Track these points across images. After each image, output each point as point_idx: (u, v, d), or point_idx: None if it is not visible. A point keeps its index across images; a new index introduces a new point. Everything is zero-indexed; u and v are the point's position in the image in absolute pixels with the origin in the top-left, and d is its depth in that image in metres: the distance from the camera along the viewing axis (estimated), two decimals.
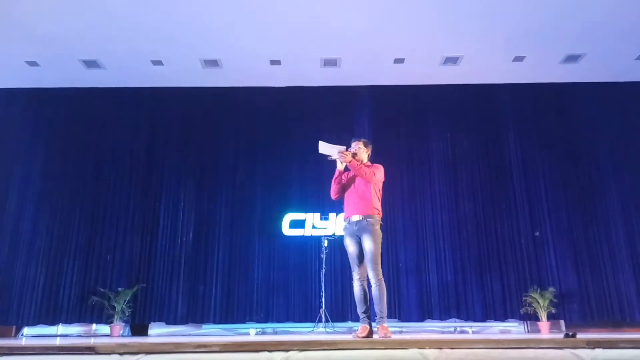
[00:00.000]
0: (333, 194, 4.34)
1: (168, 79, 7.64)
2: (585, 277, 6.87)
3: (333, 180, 4.31)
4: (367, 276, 4.06)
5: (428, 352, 2.25)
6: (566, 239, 7.07)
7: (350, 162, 4.16)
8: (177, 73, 7.49)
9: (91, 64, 7.23)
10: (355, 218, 4.14)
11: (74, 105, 7.79)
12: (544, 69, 7.45)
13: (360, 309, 4.07)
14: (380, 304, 3.95)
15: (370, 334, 3.96)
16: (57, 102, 7.79)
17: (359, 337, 3.87)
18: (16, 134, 7.66)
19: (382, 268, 4.10)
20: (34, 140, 7.64)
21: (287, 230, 7.19)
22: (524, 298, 6.63)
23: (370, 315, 4.07)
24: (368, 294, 4.08)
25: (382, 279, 4.03)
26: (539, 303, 6.50)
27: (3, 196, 7.33)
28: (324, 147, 4.24)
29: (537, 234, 7.10)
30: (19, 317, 6.77)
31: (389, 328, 3.95)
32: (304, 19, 6.26)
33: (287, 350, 2.24)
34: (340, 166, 4.27)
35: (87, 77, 7.53)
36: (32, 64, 7.21)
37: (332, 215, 7.13)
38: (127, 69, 7.38)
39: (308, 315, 6.66)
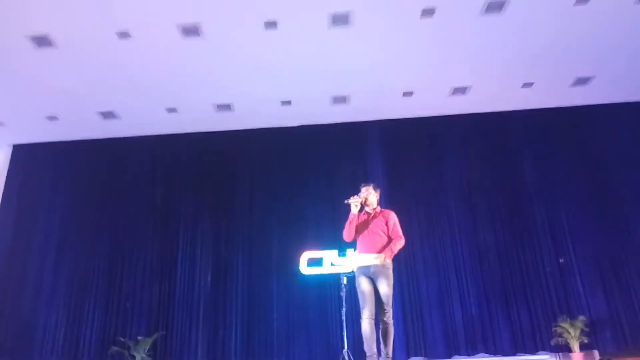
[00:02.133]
0: (348, 236, 4.49)
1: (182, 125, 7.81)
2: (615, 303, 6.61)
3: (348, 224, 4.46)
4: (378, 316, 4.20)
5: None
6: (592, 265, 6.85)
7: (388, 257, 4.29)
8: (191, 119, 7.66)
9: (108, 115, 7.45)
10: (370, 262, 4.28)
11: (92, 156, 7.99)
12: (554, 93, 7.44)
13: (370, 347, 4.13)
14: (387, 344, 4.14)
15: None
16: (76, 153, 8.01)
17: None
18: (37, 187, 7.86)
19: (405, 303, 4.19)
20: (54, 192, 7.82)
21: (305, 269, 7.10)
22: (554, 328, 6.38)
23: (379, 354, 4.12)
24: (375, 334, 4.17)
25: (392, 321, 4.23)
26: (569, 333, 6.25)
27: (26, 247, 7.46)
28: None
29: (561, 260, 6.90)
30: None
31: None
32: (311, 59, 6.40)
33: None
34: (354, 210, 4.42)
35: (104, 127, 7.75)
36: (52, 118, 7.45)
37: (349, 252, 7.03)
38: (143, 118, 7.58)
39: (330, 355, 6.47)
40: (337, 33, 5.90)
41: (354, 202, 4.41)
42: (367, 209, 4.54)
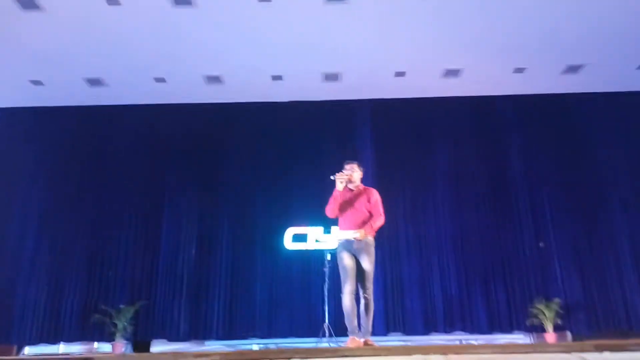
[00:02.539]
0: (331, 212, 4.51)
1: (171, 95, 7.70)
2: (590, 287, 6.80)
3: (332, 199, 4.47)
4: (359, 292, 4.25)
5: (433, 357, 2.21)
6: (571, 250, 7.02)
7: (368, 233, 4.32)
8: (180, 89, 7.55)
9: (95, 82, 7.30)
10: (355, 237, 4.30)
11: (77, 122, 7.86)
12: (545, 80, 7.47)
13: (351, 322, 4.18)
14: (368, 319, 4.17)
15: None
16: (61, 120, 7.85)
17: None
18: (20, 152, 7.71)
19: (387, 281, 4.22)
20: (37, 158, 7.68)
21: (289, 245, 7.15)
22: (529, 309, 6.55)
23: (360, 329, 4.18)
24: (356, 308, 4.21)
25: (372, 297, 4.25)
26: (544, 314, 6.43)
27: (5, 214, 7.34)
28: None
29: (541, 244, 7.05)
30: (20, 336, 6.73)
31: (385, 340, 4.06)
32: (304, 34, 6.33)
33: (289, 358, 2.21)
34: (339, 186, 4.43)
35: (90, 94, 7.60)
36: (37, 82, 7.29)
37: (334, 229, 7.07)
38: (130, 86, 7.44)
39: (312, 330, 6.55)
40: (332, 9, 5.84)
41: (340, 179, 4.43)
42: (350, 186, 4.55)
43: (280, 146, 7.73)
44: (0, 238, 7.24)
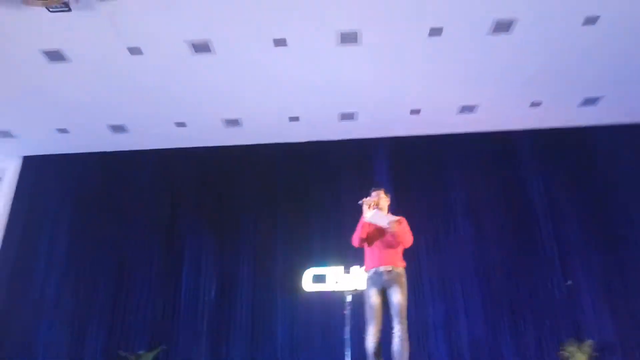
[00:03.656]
0: (357, 241, 4.25)
1: (191, 139, 7.85)
2: (625, 327, 6.46)
3: (360, 227, 4.24)
4: (391, 330, 3.95)
5: None
6: (601, 287, 6.73)
7: (396, 229, 4.12)
8: (199, 133, 7.70)
9: (118, 128, 7.51)
10: (385, 268, 4.07)
11: (101, 168, 8.05)
12: (562, 113, 7.40)
13: None
14: (402, 359, 3.85)
15: None
16: (84, 166, 8.06)
17: None
18: (44, 199, 7.90)
19: (409, 325, 4.00)
20: (61, 205, 7.85)
21: (309, 286, 7.05)
22: (561, 351, 6.26)
23: None
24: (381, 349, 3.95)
25: (407, 335, 3.92)
26: (577, 357, 6.12)
27: (31, 260, 7.48)
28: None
29: (569, 282, 6.80)
30: None
31: None
32: (319, 76, 6.43)
33: None
34: (365, 214, 4.21)
35: (113, 141, 7.81)
36: (62, 131, 7.53)
37: (354, 269, 6.98)
38: (152, 132, 7.63)
39: None
40: (346, 51, 5.94)
41: (368, 203, 4.23)
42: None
43: (299, 186, 7.75)
44: (24, 282, 7.31)
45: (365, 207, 4.25)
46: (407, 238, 4.21)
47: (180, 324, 7.00)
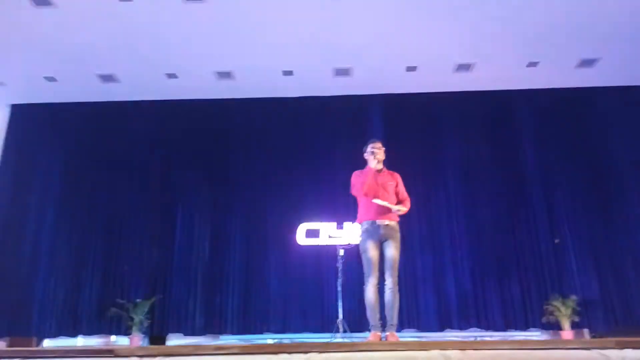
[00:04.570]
0: (363, 191, 4.17)
1: (182, 91, 7.73)
2: (608, 284, 6.71)
3: (365, 178, 4.18)
4: (383, 282, 4.04)
5: (450, 353, 2.19)
6: (587, 246, 6.93)
7: (398, 210, 4.16)
8: (192, 85, 7.58)
9: (107, 78, 7.35)
10: (384, 222, 4.11)
11: (91, 119, 7.92)
12: (559, 73, 7.37)
13: (374, 316, 4.01)
14: (393, 311, 3.96)
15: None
16: (74, 116, 7.92)
17: None
18: (34, 149, 7.80)
19: (400, 277, 4.10)
20: (52, 155, 7.77)
21: (302, 240, 7.16)
22: (545, 307, 6.48)
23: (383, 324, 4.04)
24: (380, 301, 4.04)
25: (398, 287, 4.05)
26: (561, 311, 6.35)
27: (22, 211, 7.45)
28: None
29: (557, 241, 6.97)
30: (39, 330, 6.83)
31: (399, 337, 3.92)
32: (315, 30, 6.30)
33: (307, 352, 2.21)
34: (373, 164, 4.19)
35: (103, 91, 7.65)
36: (50, 79, 7.35)
37: (347, 224, 7.08)
38: (143, 83, 7.48)
39: (325, 326, 6.57)
40: (343, 4, 5.80)
41: (377, 154, 4.18)
42: (378, 166, 4.27)
43: (292, 141, 7.73)
44: (17, 234, 7.32)
45: (371, 158, 4.21)
46: (407, 205, 4.29)
47: (175, 276, 7.11)
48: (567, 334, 6.30)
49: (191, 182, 7.57)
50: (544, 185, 7.29)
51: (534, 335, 6.72)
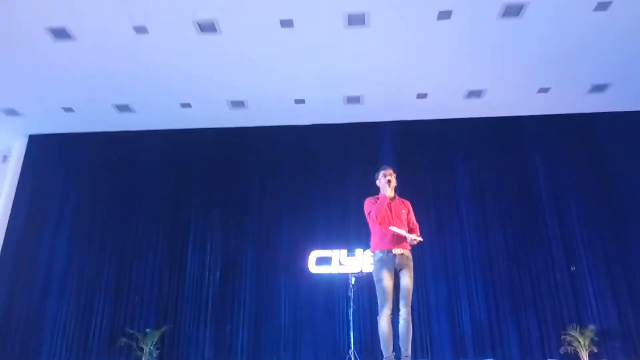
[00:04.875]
0: (380, 220, 4.14)
1: (196, 120, 7.85)
2: (626, 313, 6.52)
3: (382, 207, 4.16)
4: (398, 312, 3.99)
5: None
6: (604, 274, 6.78)
7: (414, 240, 4.15)
8: (205, 114, 7.70)
9: (123, 108, 7.50)
10: (398, 251, 4.09)
11: (106, 148, 8.07)
12: (570, 99, 7.37)
13: (388, 348, 3.94)
14: (407, 342, 3.91)
15: None
16: (90, 145, 8.09)
17: None
18: (50, 178, 7.94)
19: (413, 306, 4.06)
20: (67, 184, 7.90)
21: (313, 268, 7.11)
22: (562, 336, 6.31)
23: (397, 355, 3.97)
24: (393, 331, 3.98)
25: (411, 317, 4.01)
26: (579, 342, 6.18)
27: (37, 239, 7.55)
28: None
29: (573, 268, 6.83)
30: (49, 358, 6.83)
31: None
32: (326, 58, 6.39)
33: None
34: (389, 192, 4.21)
35: (119, 120, 7.80)
36: (68, 109, 7.52)
37: (358, 252, 7.03)
38: (157, 112, 7.62)
39: (336, 355, 6.48)
40: (353, 33, 5.89)
41: (392, 182, 4.19)
42: (389, 194, 4.25)
43: (304, 168, 7.77)
44: (31, 261, 7.40)
45: (386, 187, 4.21)
46: (417, 232, 4.28)
47: (185, 304, 7.09)
48: None
49: (203, 210, 7.62)
50: (557, 212, 7.19)
51: None
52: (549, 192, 7.33)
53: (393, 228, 4.10)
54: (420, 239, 4.16)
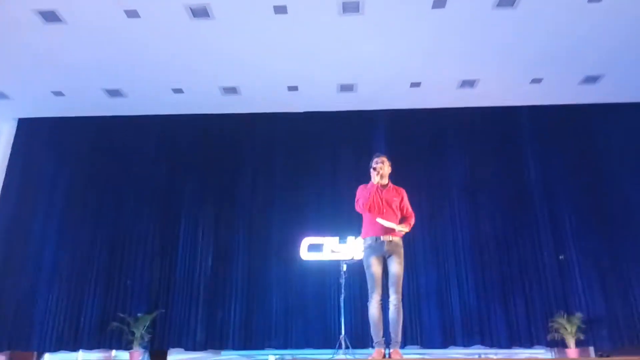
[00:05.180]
0: (366, 208, 4.16)
1: (188, 106, 7.79)
2: (613, 301, 6.64)
3: (368, 193, 4.16)
4: (388, 298, 4.02)
5: None
6: (592, 263, 6.87)
7: (401, 231, 4.16)
8: (197, 100, 7.64)
9: (114, 92, 7.42)
10: (387, 238, 4.10)
11: (97, 133, 7.99)
12: (563, 90, 7.40)
13: (378, 333, 3.99)
14: (397, 328, 3.93)
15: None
16: (80, 130, 8.00)
17: None
18: (40, 162, 7.86)
19: (403, 293, 4.07)
20: (58, 168, 7.82)
21: (305, 255, 7.14)
22: (550, 324, 6.42)
23: (386, 341, 4.01)
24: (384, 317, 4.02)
25: (401, 304, 4.00)
26: (566, 329, 6.29)
27: (27, 224, 7.48)
28: None
29: (561, 257, 6.92)
30: (40, 344, 6.83)
31: (402, 354, 3.89)
32: (320, 45, 6.36)
33: None
34: (375, 179, 4.17)
35: (110, 105, 7.73)
36: (58, 93, 7.43)
37: (350, 239, 7.07)
38: (149, 97, 7.55)
39: (328, 341, 6.53)
40: (347, 20, 5.86)
41: (379, 170, 4.15)
42: (381, 181, 4.27)
43: (296, 156, 7.76)
44: (21, 247, 7.35)
45: (373, 174, 4.19)
46: (412, 222, 4.28)
47: (177, 289, 7.09)
48: (572, 351, 6.22)
49: (194, 196, 7.60)
50: (548, 201, 7.26)
51: (539, 352, 6.65)
52: (539, 181, 7.40)
53: (380, 221, 4.12)
54: (406, 229, 4.16)
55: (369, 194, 4.16)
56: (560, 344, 6.39)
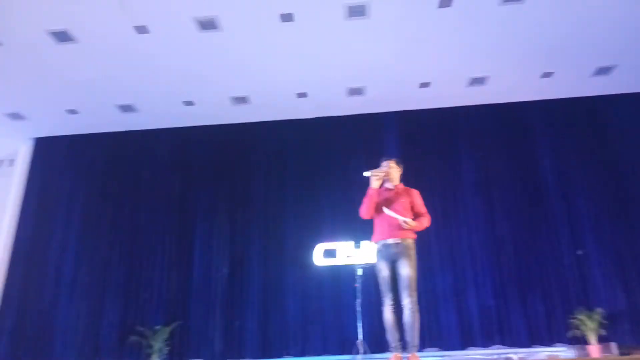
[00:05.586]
0: (365, 213, 4.18)
1: (199, 118, 7.88)
2: (635, 295, 6.48)
3: (367, 198, 4.17)
4: (401, 302, 3.95)
5: None
6: (611, 256, 6.74)
7: (410, 227, 4.05)
8: (208, 112, 7.73)
9: (127, 108, 7.54)
10: (393, 241, 4.05)
11: (111, 148, 8.13)
12: (574, 83, 7.30)
13: (394, 337, 3.95)
14: (413, 332, 3.85)
15: None
16: (95, 147, 8.15)
17: None
18: (56, 180, 8.01)
19: (420, 295, 4.02)
20: (74, 185, 7.96)
21: (319, 261, 7.13)
22: (570, 320, 6.32)
23: (403, 345, 3.96)
24: (399, 321, 3.96)
25: (418, 306, 3.93)
26: (587, 325, 6.18)
27: (47, 240, 7.63)
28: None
29: (579, 252, 6.81)
30: (61, 357, 6.93)
31: (420, 358, 3.84)
32: (327, 51, 6.38)
33: None
34: (374, 184, 4.16)
35: (123, 121, 7.85)
36: (72, 112, 7.58)
37: (364, 243, 7.04)
38: (161, 111, 7.65)
39: (346, 347, 6.49)
40: (354, 24, 5.88)
41: (375, 176, 4.13)
42: (388, 185, 4.25)
43: (308, 162, 7.77)
44: (42, 261, 7.49)
45: (372, 178, 4.18)
46: (424, 222, 4.18)
47: (194, 300, 7.14)
48: (594, 348, 6.10)
49: (208, 207, 7.66)
50: (564, 196, 7.16)
51: (560, 350, 6.54)
52: (554, 176, 7.29)
53: (386, 210, 4.08)
54: (413, 223, 4.04)
55: (367, 199, 4.17)
56: (582, 341, 6.27)
